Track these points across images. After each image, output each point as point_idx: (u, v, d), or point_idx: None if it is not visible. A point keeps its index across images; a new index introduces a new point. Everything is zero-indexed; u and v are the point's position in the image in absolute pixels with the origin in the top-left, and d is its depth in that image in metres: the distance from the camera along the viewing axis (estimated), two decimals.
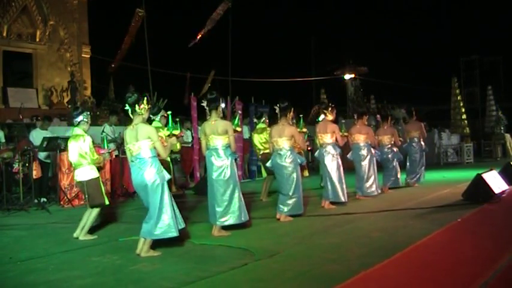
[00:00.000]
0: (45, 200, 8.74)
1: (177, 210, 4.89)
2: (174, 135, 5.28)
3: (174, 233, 4.74)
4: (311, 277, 3.88)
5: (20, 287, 4.03)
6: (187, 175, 11.57)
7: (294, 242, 5.15)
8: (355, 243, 4.92)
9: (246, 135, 12.13)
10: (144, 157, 4.74)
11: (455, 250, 4.50)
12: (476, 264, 4.01)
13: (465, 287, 3.50)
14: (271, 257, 4.51)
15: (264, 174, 9.01)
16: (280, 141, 6.51)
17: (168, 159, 6.58)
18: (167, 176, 4.84)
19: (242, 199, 5.78)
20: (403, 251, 4.46)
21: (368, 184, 8.28)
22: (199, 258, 4.64)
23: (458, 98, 22.86)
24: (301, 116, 8.16)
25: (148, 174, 4.71)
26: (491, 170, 7.67)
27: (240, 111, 11.57)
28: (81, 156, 5.67)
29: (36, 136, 8.98)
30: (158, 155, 4.85)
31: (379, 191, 8.52)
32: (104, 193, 5.82)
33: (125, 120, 12.82)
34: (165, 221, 4.71)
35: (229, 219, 5.67)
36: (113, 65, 17.34)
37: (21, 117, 12.93)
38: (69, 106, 15.27)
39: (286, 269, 4.13)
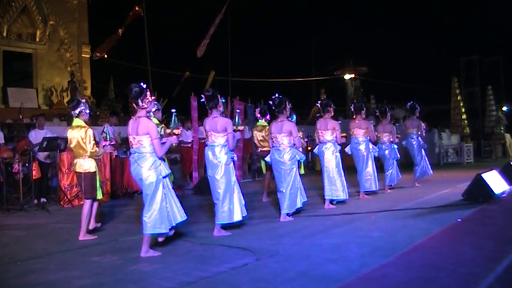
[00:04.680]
0: (45, 200, 8.73)
1: (177, 204, 4.90)
2: (174, 134, 5.28)
3: (163, 230, 4.76)
4: (311, 277, 3.88)
5: (20, 287, 4.03)
6: (187, 175, 11.56)
7: (294, 242, 5.15)
8: (355, 243, 4.92)
9: (247, 135, 12.13)
10: (143, 151, 4.74)
11: (455, 250, 4.50)
12: (476, 264, 4.01)
13: (465, 287, 3.50)
14: (271, 257, 4.51)
15: (264, 170, 8.99)
16: (280, 137, 6.52)
17: (164, 156, 6.55)
18: (165, 171, 4.83)
19: (239, 199, 5.74)
20: (403, 251, 4.46)
21: (366, 179, 8.26)
22: (199, 258, 4.64)
23: (458, 98, 22.87)
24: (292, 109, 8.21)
25: (145, 169, 4.72)
26: (491, 170, 7.68)
27: (238, 110, 11.56)
28: (81, 147, 5.67)
29: (35, 136, 8.97)
30: None
31: (378, 187, 8.49)
32: (98, 187, 5.83)
33: (125, 120, 12.82)
34: (155, 217, 4.72)
35: (223, 218, 5.65)
36: (97, 54, 16.93)
37: (21, 117, 12.92)
38: (68, 106, 15.22)
39: (286, 269, 4.12)
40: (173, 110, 5.36)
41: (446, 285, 3.57)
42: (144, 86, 4.84)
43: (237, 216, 5.73)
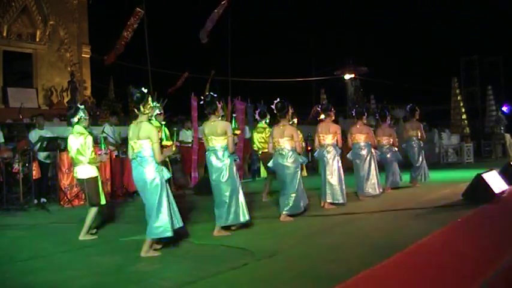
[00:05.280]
0: (45, 200, 8.73)
1: (176, 210, 4.90)
2: (166, 146, 5.27)
3: (169, 233, 4.75)
4: (311, 277, 3.88)
5: (20, 287, 4.03)
6: (187, 175, 11.56)
7: (294, 242, 5.16)
8: (355, 243, 4.92)
9: (247, 135, 12.13)
10: (145, 155, 4.75)
11: (455, 250, 4.50)
12: (476, 264, 4.01)
13: (465, 287, 3.50)
14: (271, 257, 4.51)
15: (264, 173, 9.00)
16: (282, 141, 6.53)
17: (167, 159, 6.57)
18: (167, 175, 4.85)
19: (243, 200, 5.75)
20: (403, 251, 4.46)
21: (368, 184, 8.25)
22: (199, 258, 4.64)
23: (458, 98, 22.86)
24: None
25: (148, 172, 4.72)
26: (491, 170, 7.67)
27: (235, 115, 11.56)
28: (80, 153, 5.69)
29: (35, 136, 8.98)
30: None
31: (381, 191, 8.49)
32: (101, 192, 5.83)
33: (125, 120, 12.83)
34: (163, 220, 4.72)
35: (228, 220, 5.66)
36: (106, 58, 17.03)
37: (21, 117, 12.94)
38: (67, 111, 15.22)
39: (286, 269, 4.13)
40: (163, 122, 5.37)
41: (446, 285, 3.57)
42: (145, 90, 4.84)
43: (245, 217, 5.74)
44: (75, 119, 5.78)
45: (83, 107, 5.97)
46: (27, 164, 8.46)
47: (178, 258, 4.67)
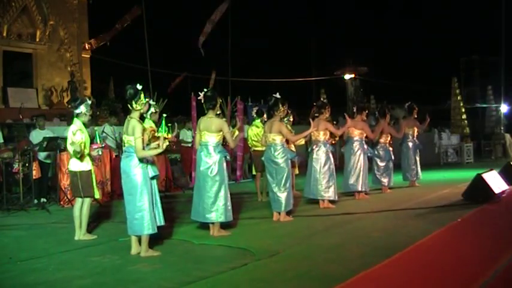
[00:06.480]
0: (45, 200, 8.73)
1: (159, 207, 4.92)
2: (165, 137, 5.27)
3: (151, 230, 4.77)
4: (311, 277, 3.88)
5: (20, 287, 4.03)
6: (187, 175, 11.56)
7: (294, 242, 5.16)
8: (355, 243, 4.92)
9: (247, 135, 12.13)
10: (132, 151, 4.82)
11: (455, 250, 4.51)
12: (476, 264, 4.01)
13: (465, 287, 3.50)
14: (271, 257, 4.52)
15: (253, 171, 8.97)
16: (271, 136, 6.62)
17: (155, 158, 6.46)
18: (152, 173, 4.86)
19: (229, 199, 5.69)
20: (403, 251, 4.46)
21: (353, 179, 8.19)
22: (199, 258, 4.64)
23: (458, 98, 22.85)
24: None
25: (133, 167, 4.79)
26: (491, 170, 7.68)
27: (238, 113, 11.56)
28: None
29: (36, 136, 8.97)
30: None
31: (365, 189, 8.36)
32: (95, 186, 5.84)
33: (125, 120, 12.82)
34: (144, 217, 4.75)
35: (213, 217, 5.59)
36: (92, 43, 16.93)
37: (21, 117, 12.93)
38: (69, 106, 15.25)
39: (286, 269, 4.13)
40: (164, 115, 5.37)
41: (446, 285, 3.57)
42: (140, 87, 4.89)
43: (231, 215, 5.71)
44: (77, 111, 5.76)
45: (90, 102, 5.93)
46: (27, 164, 8.45)
47: (178, 258, 4.68)
